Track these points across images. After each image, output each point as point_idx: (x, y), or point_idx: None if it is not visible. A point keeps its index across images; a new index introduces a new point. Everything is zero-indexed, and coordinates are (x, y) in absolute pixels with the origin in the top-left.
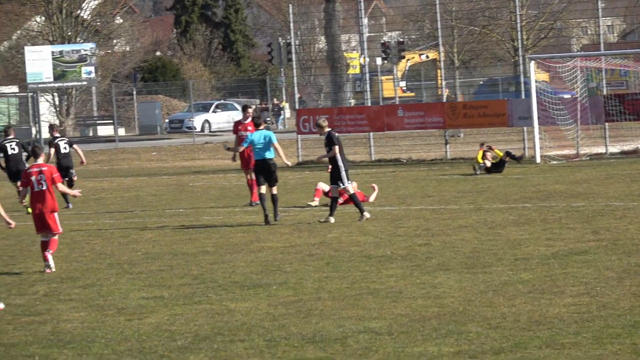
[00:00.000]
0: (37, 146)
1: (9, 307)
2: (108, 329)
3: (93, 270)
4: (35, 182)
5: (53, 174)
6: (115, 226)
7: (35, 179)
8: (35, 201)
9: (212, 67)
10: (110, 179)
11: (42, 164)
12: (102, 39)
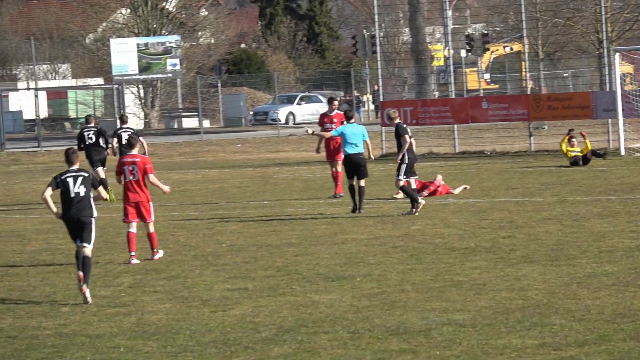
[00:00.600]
0: (133, 137)
1: (94, 298)
2: (192, 320)
3: (178, 262)
4: (127, 172)
5: (146, 165)
6: (200, 218)
7: (128, 169)
8: (128, 191)
9: (297, 59)
10: (195, 171)
11: (136, 154)
12: (187, 31)
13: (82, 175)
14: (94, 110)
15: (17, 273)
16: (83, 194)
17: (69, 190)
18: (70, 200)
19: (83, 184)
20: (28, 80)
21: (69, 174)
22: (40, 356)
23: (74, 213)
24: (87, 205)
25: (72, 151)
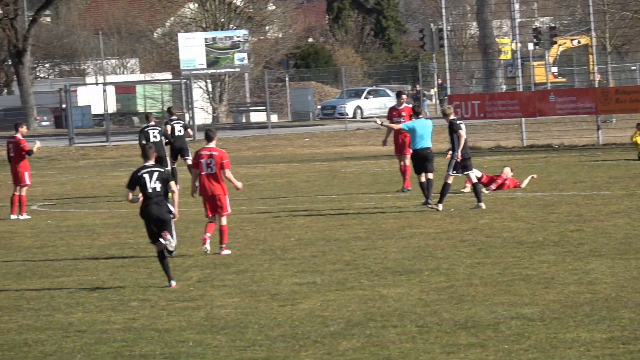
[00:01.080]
0: (211, 129)
1: (163, 292)
2: (261, 314)
3: (246, 256)
4: (204, 164)
5: (223, 160)
6: (268, 212)
7: (205, 161)
8: (204, 183)
9: (364, 53)
10: (263, 165)
11: (213, 147)
12: (254, 26)
13: (158, 170)
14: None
15: (86, 267)
16: (159, 189)
17: (146, 186)
18: (148, 196)
19: (158, 179)
20: (96, 75)
21: (145, 170)
22: (110, 350)
23: (154, 210)
24: (164, 201)
25: (148, 147)
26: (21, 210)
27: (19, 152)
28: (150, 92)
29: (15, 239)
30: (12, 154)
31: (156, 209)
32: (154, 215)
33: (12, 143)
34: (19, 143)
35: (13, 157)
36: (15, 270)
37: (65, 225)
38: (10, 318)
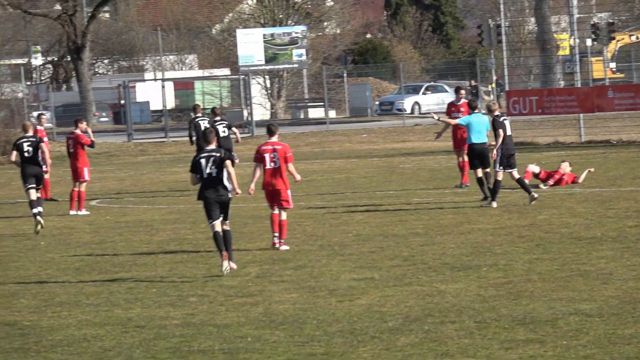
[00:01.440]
0: (273, 124)
1: (222, 288)
2: (319, 310)
3: (304, 251)
4: (268, 159)
5: (287, 153)
6: (327, 208)
7: (269, 156)
8: (268, 178)
9: (422, 49)
10: (321, 161)
11: (276, 142)
12: (313, 22)
13: (214, 155)
14: (220, 101)
15: (145, 263)
16: (215, 175)
17: (202, 171)
18: (204, 181)
19: (214, 164)
20: (155, 71)
21: (203, 155)
22: (168, 345)
23: (211, 195)
24: (221, 185)
25: (209, 131)
26: (80, 206)
27: (79, 148)
28: (208, 88)
29: (74, 234)
30: (71, 149)
31: (212, 193)
32: (212, 199)
33: (71, 139)
34: (78, 139)
35: (72, 153)
36: (75, 266)
37: (124, 221)
38: (69, 313)
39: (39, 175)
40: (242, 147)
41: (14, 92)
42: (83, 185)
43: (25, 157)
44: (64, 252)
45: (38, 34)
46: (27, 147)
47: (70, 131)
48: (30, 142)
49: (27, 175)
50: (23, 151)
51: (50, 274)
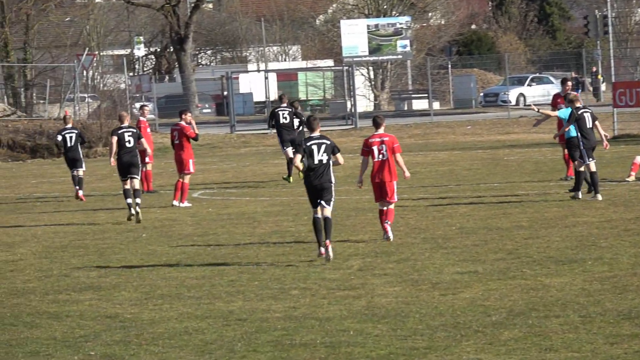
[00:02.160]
0: (379, 116)
1: (324, 281)
2: (422, 303)
3: (407, 244)
4: (376, 151)
5: (394, 144)
6: (430, 200)
7: (377, 148)
8: (376, 170)
9: (527, 40)
10: (424, 153)
11: (383, 133)
12: (417, 12)
13: (325, 142)
14: (324, 93)
15: (247, 255)
16: (325, 162)
17: (313, 157)
18: (312, 168)
19: (325, 151)
20: (258, 62)
21: (313, 141)
22: (270, 339)
23: (315, 180)
24: (327, 172)
25: (313, 118)
26: (182, 198)
27: (184, 140)
28: (312, 79)
29: (176, 226)
30: (176, 141)
31: (318, 179)
32: (317, 185)
33: (176, 130)
34: (183, 130)
35: (177, 145)
36: (176, 258)
37: (226, 213)
38: (170, 306)
39: (136, 164)
40: (345, 139)
41: (117, 83)
42: (187, 177)
43: (126, 148)
44: (165, 244)
45: (141, 24)
46: (128, 138)
47: (175, 122)
48: (132, 132)
49: (123, 165)
50: (124, 141)
51: (152, 266)
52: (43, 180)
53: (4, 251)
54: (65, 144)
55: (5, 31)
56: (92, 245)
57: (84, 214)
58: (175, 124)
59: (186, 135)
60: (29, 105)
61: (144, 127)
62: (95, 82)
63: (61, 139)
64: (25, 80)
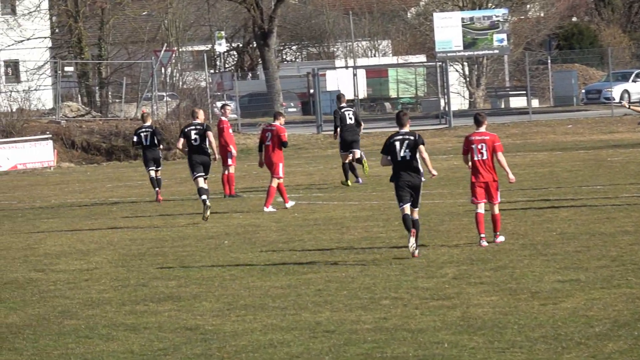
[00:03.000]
0: (480, 114)
1: (416, 290)
2: (521, 314)
3: (505, 251)
4: (476, 150)
5: (495, 143)
6: (528, 204)
7: (477, 147)
8: (477, 170)
9: (632, 33)
10: (523, 154)
11: (484, 132)
12: (514, 4)
13: (409, 138)
14: (415, 90)
15: (335, 263)
16: (409, 158)
17: (396, 153)
18: (397, 164)
19: (408, 147)
20: (346, 58)
21: (397, 137)
22: (360, 352)
23: (403, 178)
24: (414, 169)
25: (402, 113)
26: (267, 203)
27: (276, 142)
28: (403, 76)
29: (259, 232)
30: (268, 142)
31: (405, 176)
32: (403, 182)
33: (269, 131)
34: (278, 132)
35: (268, 146)
36: (260, 267)
37: (313, 218)
38: (254, 317)
39: (206, 163)
40: (438, 139)
41: (197, 80)
42: (275, 181)
43: (193, 146)
44: (249, 251)
45: (222, 18)
46: (195, 135)
47: (268, 123)
48: (198, 129)
49: (194, 163)
50: (190, 139)
51: (234, 275)
52: (119, 184)
53: (79, 259)
54: (140, 143)
55: (79, 26)
56: (171, 253)
57: (162, 219)
58: (268, 124)
59: (279, 137)
60: (104, 104)
61: (226, 127)
62: (174, 79)
63: (137, 139)
64: (100, 78)
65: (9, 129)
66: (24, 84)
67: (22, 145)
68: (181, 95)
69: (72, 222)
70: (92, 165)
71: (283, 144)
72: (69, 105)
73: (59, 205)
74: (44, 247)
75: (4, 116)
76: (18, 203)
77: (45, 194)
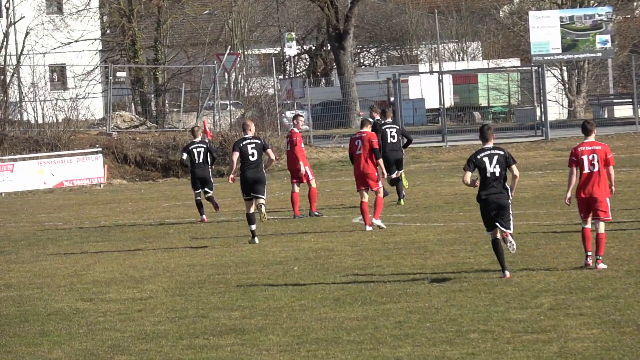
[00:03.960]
0: (589, 121)
1: (508, 322)
2: (625, 349)
3: (608, 278)
4: (586, 162)
5: (607, 155)
6: (635, 225)
7: (587, 158)
8: (584, 183)
9: None
10: (628, 169)
11: (594, 142)
12: (620, 2)
13: (498, 153)
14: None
15: (417, 292)
16: (498, 174)
17: (486, 170)
18: (485, 180)
19: (498, 163)
20: (431, 62)
21: (485, 153)
22: None
23: (492, 198)
24: (502, 186)
25: (487, 127)
26: (375, 215)
27: (369, 151)
28: (494, 82)
29: (333, 257)
30: (358, 151)
31: (494, 197)
32: (493, 202)
33: (359, 139)
34: (371, 138)
35: (360, 156)
36: (334, 295)
37: (393, 241)
38: (327, 352)
39: (262, 180)
40: (534, 152)
41: (264, 87)
42: (381, 191)
43: (251, 162)
44: (321, 278)
45: (293, 18)
46: (252, 150)
47: (358, 131)
48: (255, 144)
49: (247, 181)
50: (247, 154)
51: (305, 305)
52: (177, 204)
53: (131, 287)
54: (192, 161)
55: (133, 27)
56: (234, 280)
57: (224, 242)
58: (357, 132)
59: (372, 144)
60: (161, 114)
61: (298, 140)
62: (238, 86)
63: (186, 157)
64: (156, 84)
65: (55, 142)
66: (71, 91)
67: (69, 159)
68: (246, 103)
69: (124, 246)
70: (147, 182)
71: (374, 152)
72: (122, 115)
73: (110, 226)
74: (93, 273)
75: (49, 127)
76: (64, 225)
77: (94, 214)
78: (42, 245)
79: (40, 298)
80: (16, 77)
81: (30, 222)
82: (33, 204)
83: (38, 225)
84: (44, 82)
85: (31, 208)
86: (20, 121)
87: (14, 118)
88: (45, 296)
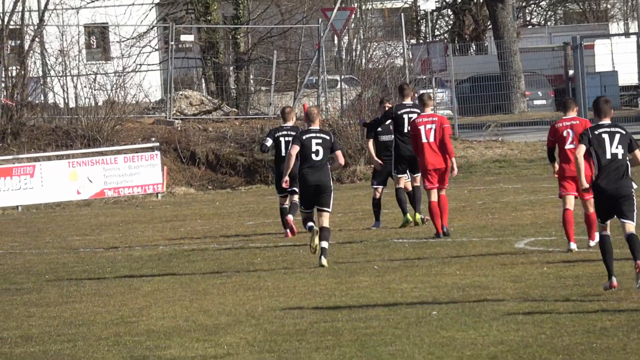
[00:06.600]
0: None
1: None
2: None
3: None
4: None
5: None
6: None
7: None
8: None
9: None
10: None
11: None
12: None
13: (619, 132)
14: None
15: (607, 347)
16: (620, 157)
17: (604, 149)
18: (604, 163)
19: (621, 142)
20: (627, 20)
21: (603, 129)
22: None
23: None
24: (624, 172)
25: (604, 100)
26: (591, 235)
27: None
28: None
29: (488, 297)
30: (570, 145)
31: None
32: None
33: (571, 127)
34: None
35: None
36: (488, 352)
37: (572, 275)
38: None
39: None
40: None
41: (389, 56)
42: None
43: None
44: (470, 327)
45: None
46: (317, 147)
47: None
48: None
49: (307, 188)
50: (310, 151)
51: None
52: (265, 221)
53: (202, 340)
54: (277, 153)
55: None
56: (347, 330)
57: (334, 274)
58: (562, 119)
59: None
60: (243, 94)
61: (446, 127)
62: (353, 55)
63: (270, 143)
64: (236, 52)
65: (93, 134)
66: (116, 62)
67: (113, 158)
68: (365, 79)
69: (191, 282)
70: (224, 190)
71: None
72: (188, 96)
73: (171, 254)
74: (147, 320)
75: (85, 113)
76: (105, 251)
77: (148, 236)
78: (75, 281)
79: (72, 355)
80: (38, 43)
81: (58, 247)
82: (62, 222)
83: (69, 253)
84: (78, 49)
85: (59, 228)
86: (44, 104)
87: (35, 100)
88: (79, 353)
